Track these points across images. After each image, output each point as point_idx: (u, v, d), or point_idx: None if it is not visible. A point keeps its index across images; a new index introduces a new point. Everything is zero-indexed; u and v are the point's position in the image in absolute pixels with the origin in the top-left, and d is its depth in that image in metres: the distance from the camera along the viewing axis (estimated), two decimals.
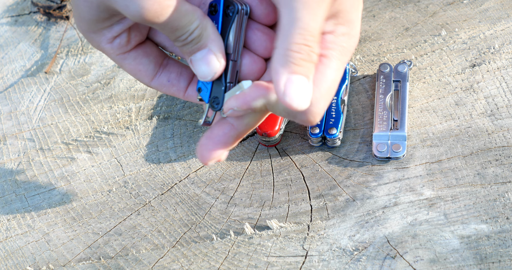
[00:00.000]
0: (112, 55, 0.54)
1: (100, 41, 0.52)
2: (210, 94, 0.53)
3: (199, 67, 0.52)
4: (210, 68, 0.51)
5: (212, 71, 0.52)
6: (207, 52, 0.51)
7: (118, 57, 0.54)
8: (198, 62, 0.52)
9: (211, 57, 0.51)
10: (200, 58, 0.51)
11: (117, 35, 0.52)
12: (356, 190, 0.62)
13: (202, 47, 0.51)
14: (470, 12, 0.72)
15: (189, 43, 0.51)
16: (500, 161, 0.61)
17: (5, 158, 0.71)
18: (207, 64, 0.51)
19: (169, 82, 0.55)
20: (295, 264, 0.59)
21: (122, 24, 0.52)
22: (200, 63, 0.52)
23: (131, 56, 0.54)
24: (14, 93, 0.76)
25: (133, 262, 0.62)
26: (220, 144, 0.52)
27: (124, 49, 0.53)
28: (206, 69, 0.51)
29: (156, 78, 0.55)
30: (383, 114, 0.65)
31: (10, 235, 0.66)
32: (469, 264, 0.56)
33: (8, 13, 0.84)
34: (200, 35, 0.51)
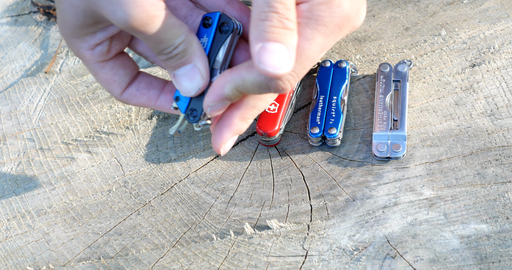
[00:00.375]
0: (91, 62, 0.53)
1: (81, 47, 0.52)
2: (188, 106, 0.53)
3: (182, 83, 0.52)
4: (193, 84, 0.51)
5: (196, 87, 0.52)
6: (191, 68, 0.51)
7: (96, 64, 0.53)
8: (181, 77, 0.51)
9: (195, 73, 0.51)
10: (183, 74, 0.51)
11: (100, 43, 0.52)
12: (356, 190, 0.62)
13: (186, 62, 0.51)
14: (470, 12, 0.72)
15: (173, 58, 0.51)
16: (500, 161, 0.61)
17: (5, 158, 0.71)
18: (190, 80, 0.51)
19: (138, 91, 0.55)
20: (295, 264, 0.59)
21: (106, 31, 0.52)
22: (184, 79, 0.51)
23: (109, 66, 0.54)
24: (14, 93, 0.76)
25: (133, 262, 0.62)
26: (229, 130, 0.52)
27: (104, 58, 0.53)
28: (190, 84, 0.52)
29: (127, 90, 0.55)
30: (383, 114, 0.65)
31: (10, 235, 0.66)
32: (469, 264, 0.56)
33: (8, 13, 0.84)
34: (185, 50, 0.51)
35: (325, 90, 0.66)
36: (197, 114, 0.53)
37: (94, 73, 0.54)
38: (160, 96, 0.55)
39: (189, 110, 0.53)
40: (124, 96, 0.55)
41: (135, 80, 0.55)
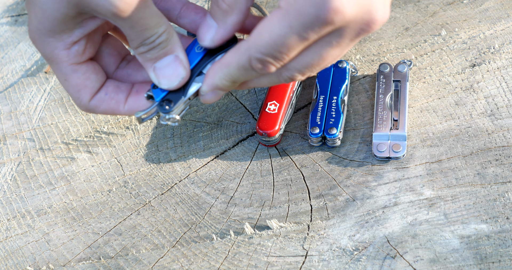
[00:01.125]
0: (64, 64, 0.51)
1: (56, 46, 0.50)
2: (165, 96, 0.51)
3: (164, 74, 0.50)
4: (176, 76, 0.50)
5: (179, 77, 0.50)
6: (174, 59, 0.50)
7: (69, 67, 0.51)
8: (163, 69, 0.50)
9: (178, 64, 0.50)
10: (166, 65, 0.50)
11: (77, 41, 0.50)
12: (356, 190, 0.62)
13: (168, 52, 0.50)
14: (470, 12, 0.72)
15: (156, 47, 0.49)
16: (500, 161, 0.61)
17: (5, 158, 0.71)
18: (174, 70, 0.50)
19: (107, 95, 0.53)
20: (295, 264, 0.59)
21: (84, 28, 0.50)
22: (166, 70, 0.50)
23: (82, 69, 0.52)
24: (14, 93, 0.76)
25: (133, 262, 0.62)
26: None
27: (79, 59, 0.51)
28: (172, 76, 0.50)
29: (95, 96, 0.53)
30: (383, 114, 0.65)
31: (10, 235, 0.66)
32: (469, 264, 0.56)
33: (8, 13, 0.84)
34: (167, 39, 0.50)
35: (325, 90, 0.66)
36: (171, 106, 0.51)
37: (64, 78, 0.52)
38: (128, 99, 0.53)
39: (165, 100, 0.51)
40: (93, 103, 0.53)
41: (103, 85, 0.54)
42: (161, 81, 0.51)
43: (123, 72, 0.55)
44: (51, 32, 0.49)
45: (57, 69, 0.52)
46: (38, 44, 0.50)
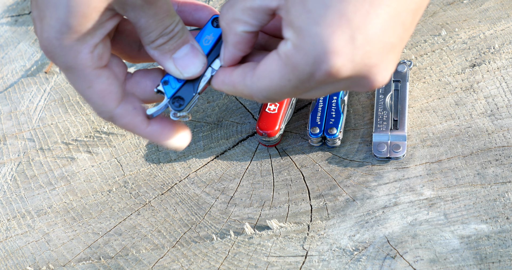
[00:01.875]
0: (89, 69, 0.48)
1: (79, 50, 0.47)
2: (176, 92, 0.51)
3: (185, 63, 0.50)
4: (198, 62, 0.50)
5: (200, 65, 0.50)
6: (191, 47, 0.50)
7: (94, 72, 0.48)
8: (183, 58, 0.50)
9: (196, 51, 0.50)
10: (185, 54, 0.50)
11: (98, 42, 0.48)
12: (356, 190, 0.62)
13: (185, 41, 0.50)
14: (470, 12, 0.72)
15: (175, 37, 0.49)
16: (500, 161, 0.61)
17: (5, 158, 0.71)
18: (194, 57, 0.50)
19: (135, 109, 0.50)
20: (295, 264, 0.59)
21: (104, 28, 0.48)
22: (187, 59, 0.50)
23: (106, 74, 0.49)
24: (14, 93, 0.76)
25: (133, 262, 0.62)
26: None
27: (101, 63, 0.49)
28: (193, 64, 0.50)
29: (122, 104, 0.50)
30: (383, 114, 0.65)
31: (10, 235, 0.66)
32: (469, 264, 0.56)
33: (8, 13, 0.84)
34: (183, 28, 0.49)
35: None
36: (183, 103, 0.51)
37: (88, 85, 0.49)
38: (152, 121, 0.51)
39: (176, 97, 0.51)
40: (118, 111, 0.50)
41: (127, 97, 0.51)
42: (183, 71, 0.50)
43: (130, 87, 0.53)
44: (76, 33, 0.46)
45: (80, 76, 0.49)
46: (57, 51, 0.47)
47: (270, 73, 0.46)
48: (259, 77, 0.47)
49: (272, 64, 0.46)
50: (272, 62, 0.46)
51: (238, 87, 0.49)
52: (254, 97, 0.48)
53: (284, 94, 0.47)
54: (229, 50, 0.49)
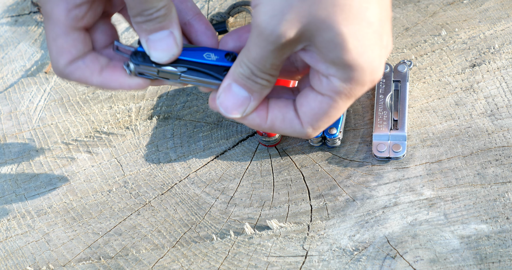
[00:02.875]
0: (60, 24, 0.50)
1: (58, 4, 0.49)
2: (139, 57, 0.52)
3: (156, 47, 0.51)
4: (168, 51, 0.51)
5: (170, 54, 0.51)
6: (168, 34, 0.51)
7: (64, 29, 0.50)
8: (155, 42, 0.51)
9: (171, 39, 0.51)
10: (159, 39, 0.50)
11: (80, 5, 0.50)
12: (356, 190, 0.62)
13: (164, 27, 0.50)
14: (470, 12, 0.72)
15: (152, 20, 0.50)
16: (500, 161, 0.61)
17: (5, 158, 0.71)
18: (166, 46, 0.51)
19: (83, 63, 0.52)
20: (295, 264, 0.59)
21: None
22: (158, 44, 0.51)
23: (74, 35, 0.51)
24: (14, 93, 0.76)
25: (133, 262, 0.62)
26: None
27: (75, 24, 0.50)
28: (163, 50, 0.51)
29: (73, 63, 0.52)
30: (383, 114, 0.65)
31: (10, 235, 0.66)
32: (469, 264, 0.56)
33: (8, 13, 0.84)
34: (165, 15, 0.50)
35: None
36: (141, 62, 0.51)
37: (53, 38, 0.51)
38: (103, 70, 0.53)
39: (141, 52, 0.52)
40: (69, 69, 0.52)
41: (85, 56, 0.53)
42: (152, 53, 0.51)
43: (109, 53, 0.55)
44: None
45: (51, 27, 0.51)
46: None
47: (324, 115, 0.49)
48: (311, 123, 0.50)
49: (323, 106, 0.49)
50: (322, 104, 0.49)
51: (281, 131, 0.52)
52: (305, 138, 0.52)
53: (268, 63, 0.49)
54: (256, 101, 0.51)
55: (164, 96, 0.72)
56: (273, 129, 0.52)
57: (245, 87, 0.49)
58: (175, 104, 0.71)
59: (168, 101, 0.72)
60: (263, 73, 0.48)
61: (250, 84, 0.49)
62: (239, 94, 0.50)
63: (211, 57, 0.52)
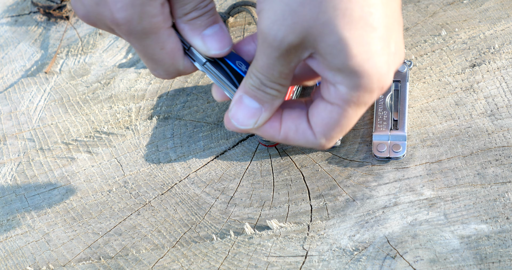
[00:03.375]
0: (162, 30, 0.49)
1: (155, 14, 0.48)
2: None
3: (214, 41, 0.51)
4: (225, 42, 0.51)
5: (227, 44, 0.51)
6: (220, 27, 0.51)
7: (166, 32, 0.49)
8: (212, 36, 0.51)
9: (225, 32, 0.51)
10: (213, 33, 0.51)
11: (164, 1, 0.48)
12: (356, 190, 0.62)
13: (216, 21, 0.51)
14: (470, 12, 0.72)
15: (207, 13, 0.50)
16: (500, 161, 0.61)
17: (5, 158, 0.71)
18: (222, 37, 0.51)
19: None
20: (295, 264, 0.59)
21: None
22: (214, 38, 0.51)
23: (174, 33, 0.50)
24: (14, 93, 0.76)
25: (133, 262, 0.62)
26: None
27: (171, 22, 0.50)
28: (221, 42, 0.51)
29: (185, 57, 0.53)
30: (383, 114, 0.65)
31: (10, 235, 0.66)
32: (469, 264, 0.56)
33: (8, 13, 0.84)
34: (214, 7, 0.50)
35: None
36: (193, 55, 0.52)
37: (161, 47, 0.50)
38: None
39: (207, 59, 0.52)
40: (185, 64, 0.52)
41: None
42: (210, 47, 0.51)
43: None
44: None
45: (154, 39, 0.49)
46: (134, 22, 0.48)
47: (336, 125, 0.48)
48: (324, 133, 0.49)
49: (333, 115, 0.48)
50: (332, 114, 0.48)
51: (295, 142, 0.51)
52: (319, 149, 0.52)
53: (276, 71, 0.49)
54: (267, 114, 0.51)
55: (164, 96, 0.72)
56: (287, 140, 0.51)
57: (255, 98, 0.49)
58: (175, 104, 0.71)
59: (168, 101, 0.72)
60: (272, 83, 0.48)
61: (260, 94, 0.49)
62: (250, 105, 0.49)
63: (241, 66, 0.53)
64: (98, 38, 0.80)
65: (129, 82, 0.74)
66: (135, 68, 0.75)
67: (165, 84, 0.73)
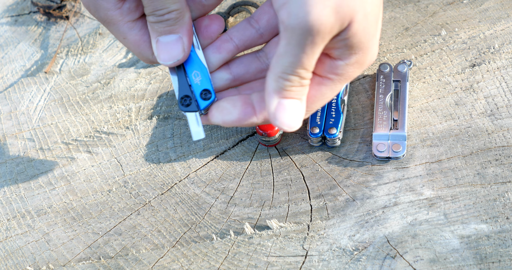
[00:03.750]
0: (120, 23, 0.52)
1: (108, 8, 0.51)
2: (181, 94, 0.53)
3: (163, 50, 0.52)
4: (173, 55, 0.52)
5: (175, 58, 0.52)
6: (177, 39, 0.52)
7: (126, 26, 0.52)
8: (163, 45, 0.52)
9: (178, 44, 0.52)
10: (167, 42, 0.51)
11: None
12: (356, 190, 0.62)
13: (174, 31, 0.51)
14: (470, 12, 0.72)
15: (163, 22, 0.51)
16: (500, 161, 0.61)
17: (5, 158, 0.71)
18: (172, 49, 0.52)
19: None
20: (295, 264, 0.59)
21: None
22: (165, 47, 0.52)
23: (138, 26, 0.53)
24: (14, 93, 0.76)
25: (133, 262, 0.62)
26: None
27: (133, 16, 0.52)
28: (169, 54, 0.52)
29: None
30: (383, 114, 0.65)
31: (10, 235, 0.66)
32: (469, 264, 0.56)
33: (8, 13, 0.84)
34: (177, 18, 0.51)
35: None
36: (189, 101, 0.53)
37: (123, 37, 0.53)
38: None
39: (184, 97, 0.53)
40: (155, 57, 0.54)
41: None
42: (159, 55, 0.52)
43: None
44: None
45: (114, 30, 0.53)
46: (92, 10, 0.52)
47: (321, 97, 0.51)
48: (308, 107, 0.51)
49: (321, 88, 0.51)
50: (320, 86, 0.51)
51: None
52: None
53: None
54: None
55: (164, 96, 0.72)
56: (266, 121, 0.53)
57: (294, 97, 0.49)
58: (175, 104, 0.71)
59: (168, 101, 0.72)
60: (308, 73, 0.48)
61: (298, 91, 0.49)
62: (292, 106, 0.49)
63: (196, 77, 0.53)
64: (98, 38, 0.80)
65: (129, 82, 0.74)
66: (135, 68, 0.75)
67: (165, 84, 0.73)
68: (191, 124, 0.53)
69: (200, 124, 0.53)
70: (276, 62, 0.47)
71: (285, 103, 0.49)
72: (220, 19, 0.55)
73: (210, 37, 0.54)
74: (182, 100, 0.53)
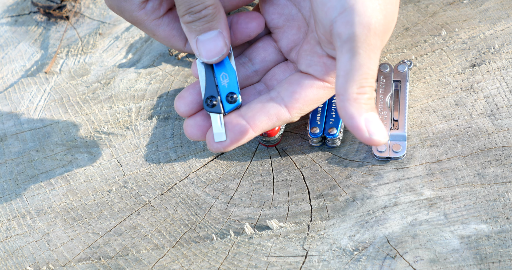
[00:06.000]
0: (147, 22, 0.53)
1: (132, 9, 0.52)
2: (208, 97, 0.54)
3: (205, 47, 0.52)
4: (217, 50, 0.52)
5: (219, 52, 0.52)
6: (217, 34, 0.51)
7: (152, 23, 0.53)
8: (205, 42, 0.51)
9: (220, 39, 0.51)
10: (208, 39, 0.51)
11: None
12: (356, 190, 0.62)
13: (213, 27, 0.51)
14: (470, 12, 0.72)
15: (201, 20, 0.50)
16: (500, 161, 0.61)
17: (5, 158, 0.71)
18: (215, 45, 0.51)
19: None
20: (295, 264, 0.59)
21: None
22: (207, 44, 0.51)
23: (165, 22, 0.54)
24: (14, 93, 0.76)
25: (133, 262, 0.62)
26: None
27: (158, 14, 0.53)
28: (213, 50, 0.52)
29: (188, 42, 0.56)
30: (383, 114, 0.65)
31: (10, 235, 0.66)
32: (469, 264, 0.56)
33: (8, 13, 0.84)
34: (213, 14, 0.51)
35: None
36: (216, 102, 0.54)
37: (152, 34, 0.54)
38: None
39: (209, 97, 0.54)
40: (188, 48, 0.56)
41: None
42: (201, 53, 0.52)
43: None
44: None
45: (142, 28, 0.54)
46: (117, 12, 0.53)
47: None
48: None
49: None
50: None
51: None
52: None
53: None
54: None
55: (164, 96, 0.72)
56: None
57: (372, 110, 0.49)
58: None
59: (168, 101, 0.72)
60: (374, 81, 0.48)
61: (372, 103, 0.49)
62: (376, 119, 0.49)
63: (224, 79, 0.53)
64: (98, 38, 0.80)
65: (129, 82, 0.74)
66: (135, 68, 0.75)
67: (165, 84, 0.73)
68: (214, 125, 0.53)
69: (223, 126, 0.53)
70: (345, 82, 0.47)
71: (370, 118, 0.48)
72: (260, 18, 0.55)
73: (248, 35, 0.54)
74: (208, 100, 0.53)
